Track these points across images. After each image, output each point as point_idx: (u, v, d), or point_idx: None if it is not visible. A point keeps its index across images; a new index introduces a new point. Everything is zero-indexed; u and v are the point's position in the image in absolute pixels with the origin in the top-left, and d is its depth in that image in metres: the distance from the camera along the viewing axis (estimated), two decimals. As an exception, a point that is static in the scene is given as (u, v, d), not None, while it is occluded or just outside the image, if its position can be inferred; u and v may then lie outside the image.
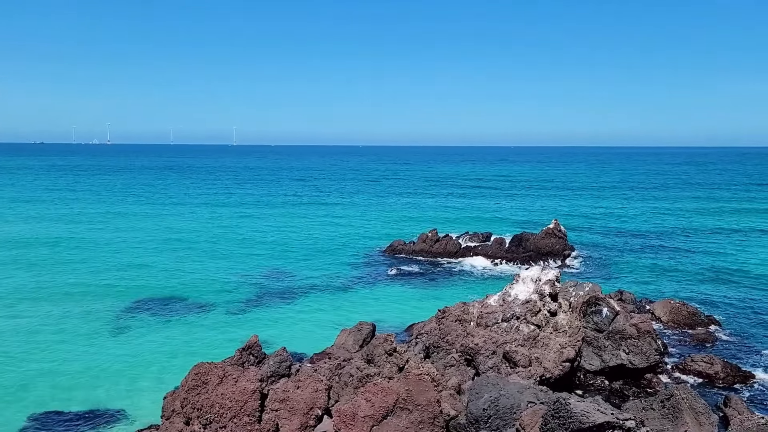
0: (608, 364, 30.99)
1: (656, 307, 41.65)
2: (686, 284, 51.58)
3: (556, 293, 31.87)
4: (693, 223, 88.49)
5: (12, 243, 68.99)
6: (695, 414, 18.04)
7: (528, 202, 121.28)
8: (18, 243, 69.07)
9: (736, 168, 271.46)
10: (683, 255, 64.22)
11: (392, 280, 53.36)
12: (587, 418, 15.61)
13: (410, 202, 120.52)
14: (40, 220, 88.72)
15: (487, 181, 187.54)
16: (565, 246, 63.19)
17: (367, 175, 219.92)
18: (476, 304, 32.32)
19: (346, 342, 33.21)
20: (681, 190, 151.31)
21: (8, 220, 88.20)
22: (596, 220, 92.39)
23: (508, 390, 22.16)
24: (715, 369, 31.26)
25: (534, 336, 29.24)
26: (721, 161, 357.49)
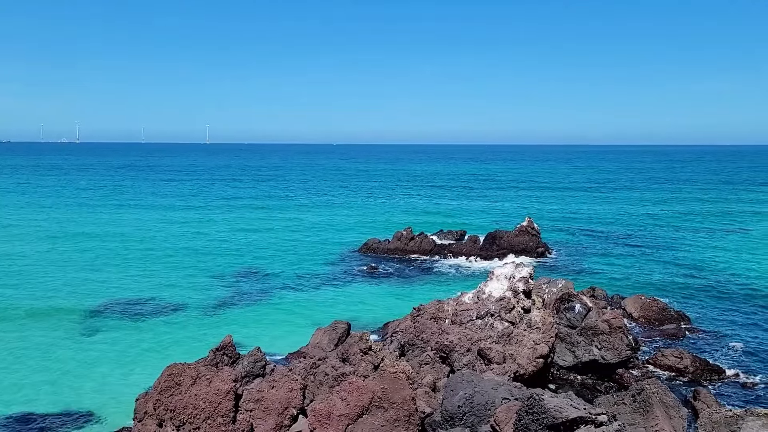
0: (581, 359, 31.38)
1: (628, 303, 42.27)
2: (657, 280, 52.45)
3: (529, 290, 32.15)
4: (663, 221, 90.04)
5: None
6: (665, 408, 18.34)
7: (502, 200, 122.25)
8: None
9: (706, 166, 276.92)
10: (654, 252, 65.29)
11: (367, 278, 53.33)
12: (560, 413, 15.76)
13: (384, 201, 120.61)
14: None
15: (461, 179, 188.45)
16: (539, 243, 63.82)
17: (342, 173, 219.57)
18: (451, 302, 32.43)
19: (321, 341, 33.08)
20: (651, 188, 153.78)
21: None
22: (569, 218, 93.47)
23: (483, 387, 22.26)
24: (685, 363, 31.84)
25: (508, 333, 29.44)
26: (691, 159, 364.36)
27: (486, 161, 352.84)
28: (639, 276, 54.23)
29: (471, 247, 63.75)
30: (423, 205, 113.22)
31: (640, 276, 54.20)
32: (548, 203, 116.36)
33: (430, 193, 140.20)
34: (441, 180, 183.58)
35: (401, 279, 53.21)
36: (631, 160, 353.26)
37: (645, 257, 62.35)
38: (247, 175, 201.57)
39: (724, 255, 63.05)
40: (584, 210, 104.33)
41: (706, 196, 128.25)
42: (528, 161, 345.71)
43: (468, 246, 64.04)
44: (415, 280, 52.74)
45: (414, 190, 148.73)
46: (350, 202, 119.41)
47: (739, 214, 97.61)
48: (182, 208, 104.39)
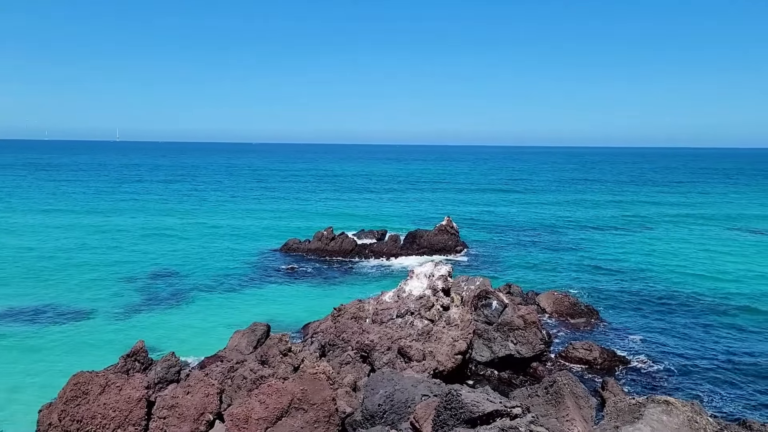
0: (498, 354, 32.24)
1: (541, 298, 43.83)
2: (569, 276, 54.69)
3: (448, 288, 32.72)
4: (574, 220, 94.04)
5: None
6: (576, 398, 19.11)
7: (422, 200, 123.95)
8: None
9: (612, 168, 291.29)
10: (566, 249, 68.06)
11: (287, 279, 52.66)
12: (477, 407, 16.08)
13: (304, 201, 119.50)
14: None
15: (381, 179, 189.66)
16: (458, 242, 65.13)
17: (260, 172, 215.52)
18: (372, 301, 32.54)
19: (239, 344, 32.32)
20: (565, 188, 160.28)
21: None
22: (487, 217, 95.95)
23: (403, 384, 22.42)
24: (594, 355, 33.35)
25: (428, 330, 29.83)
26: (600, 161, 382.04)
27: (406, 160, 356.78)
28: (552, 272, 56.36)
29: (392, 246, 64.24)
30: (343, 205, 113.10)
31: (553, 272, 56.35)
32: (467, 202, 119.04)
33: (351, 192, 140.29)
34: (361, 180, 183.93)
35: (322, 279, 52.88)
36: (548, 161, 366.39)
37: (557, 254, 64.88)
38: (159, 175, 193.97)
39: (629, 252, 66.54)
40: (501, 209, 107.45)
41: (612, 196, 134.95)
42: (448, 161, 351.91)
43: (389, 245, 64.49)
44: (336, 280, 52.56)
45: (334, 189, 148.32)
46: (269, 201, 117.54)
47: (642, 213, 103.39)
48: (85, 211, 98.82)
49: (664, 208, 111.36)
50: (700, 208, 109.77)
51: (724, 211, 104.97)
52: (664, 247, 68.88)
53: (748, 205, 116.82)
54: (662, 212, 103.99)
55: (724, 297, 46.98)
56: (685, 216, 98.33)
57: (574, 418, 18.38)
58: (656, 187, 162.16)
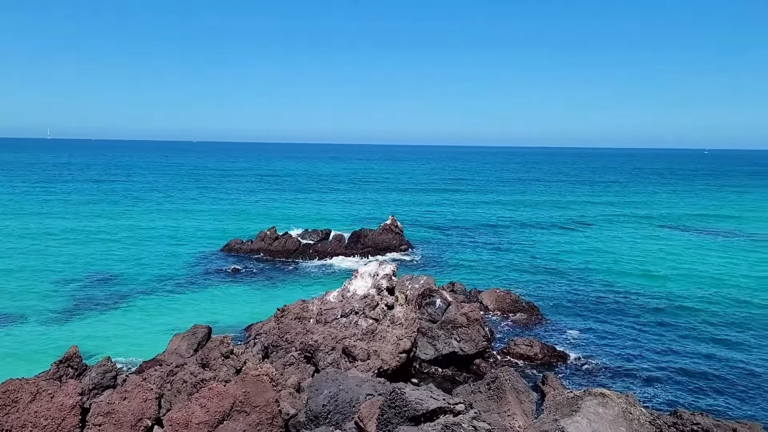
0: (441, 352, 32.57)
1: (484, 296, 44.57)
2: (510, 274, 55.80)
3: (393, 287, 32.82)
4: (516, 219, 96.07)
5: None
6: (517, 393, 19.49)
7: (366, 200, 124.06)
8: None
9: (551, 167, 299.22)
10: (508, 247, 69.43)
11: (229, 280, 51.70)
12: (421, 405, 16.17)
13: (246, 200, 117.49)
14: None
15: (325, 178, 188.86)
16: (402, 241, 65.51)
17: (199, 172, 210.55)
18: (316, 301, 32.30)
19: (179, 347, 31.51)
20: (506, 187, 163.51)
21: None
22: (431, 216, 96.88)
23: (347, 384, 22.33)
24: (535, 351, 34.13)
25: (372, 330, 29.84)
26: (540, 161, 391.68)
27: (350, 160, 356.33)
28: (494, 270, 57.38)
29: (336, 246, 64.02)
30: (286, 204, 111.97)
31: (495, 270, 57.38)
32: (412, 201, 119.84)
33: (294, 191, 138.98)
34: (304, 179, 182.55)
35: (265, 280, 52.18)
36: (485, 161, 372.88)
37: (499, 253, 66.12)
38: (90, 175, 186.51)
39: (568, 250, 68.46)
40: (444, 209, 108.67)
41: (550, 196, 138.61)
42: (394, 161, 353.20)
43: (333, 245, 64.25)
44: (279, 281, 51.96)
45: (276, 188, 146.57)
46: (209, 200, 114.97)
47: (579, 212, 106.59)
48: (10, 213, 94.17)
49: (599, 207, 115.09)
50: (633, 207, 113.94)
51: (656, 210, 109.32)
52: (601, 245, 71.15)
53: (678, 203, 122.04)
54: (598, 211, 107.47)
55: (657, 294, 48.85)
56: (620, 214, 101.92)
57: (515, 412, 18.73)
58: (593, 187, 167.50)
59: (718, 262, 60.95)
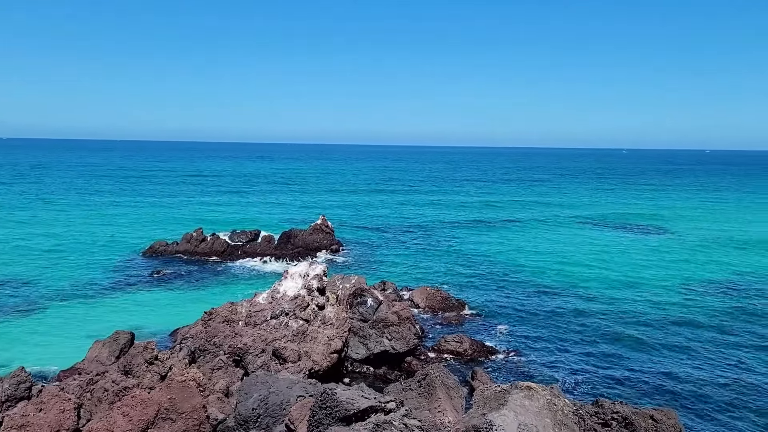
0: (373, 351, 32.61)
1: (415, 294, 44.98)
2: (440, 272, 56.54)
3: (323, 287, 32.62)
4: (446, 217, 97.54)
5: None
6: (447, 389, 19.73)
7: (295, 200, 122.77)
8: None
9: (479, 165, 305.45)
10: (437, 245, 70.37)
11: (154, 283, 49.94)
12: (352, 405, 16.10)
13: (171, 201, 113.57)
14: None
15: (254, 178, 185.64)
16: (333, 241, 65.23)
17: (122, 172, 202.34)
18: (245, 303, 31.68)
19: (99, 355, 30.16)
20: (435, 186, 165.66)
21: None
22: (362, 216, 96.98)
23: (278, 387, 21.99)
24: (464, 347, 34.72)
25: (303, 331, 29.53)
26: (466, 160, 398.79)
27: (279, 159, 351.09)
28: (424, 269, 58.01)
29: (266, 246, 63.05)
30: (213, 204, 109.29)
31: (426, 269, 58.02)
32: (343, 201, 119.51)
33: (221, 191, 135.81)
34: (232, 179, 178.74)
35: (192, 283, 50.73)
36: (414, 160, 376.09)
37: (429, 251, 66.91)
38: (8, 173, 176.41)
39: (496, 247, 70.10)
40: (375, 208, 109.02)
41: (478, 194, 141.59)
42: (324, 160, 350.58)
43: (262, 246, 63.25)
44: (207, 283, 50.64)
45: (203, 188, 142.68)
46: (130, 201, 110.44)
47: (507, 209, 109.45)
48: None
49: (526, 205, 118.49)
50: (558, 206, 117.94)
51: (580, 208, 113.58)
52: (527, 244, 73.20)
53: (599, 201, 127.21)
54: (525, 209, 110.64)
55: (580, 290, 50.67)
56: (546, 213, 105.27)
57: (445, 408, 18.95)
58: (520, 186, 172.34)
59: (635, 260, 63.89)
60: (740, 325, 40.35)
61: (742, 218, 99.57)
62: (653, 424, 18.51)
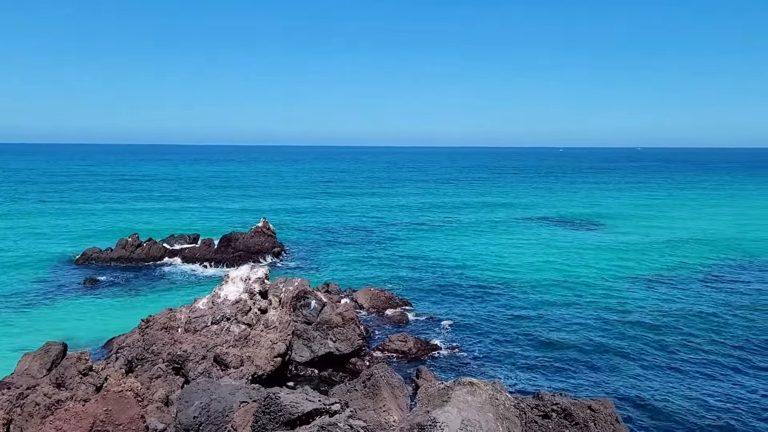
0: (317, 353, 32.39)
1: (359, 295, 44.95)
2: (384, 272, 56.72)
3: (266, 290, 32.18)
4: (388, 217, 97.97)
5: None
6: (392, 388, 19.78)
7: (235, 202, 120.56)
8: None
9: (420, 165, 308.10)
10: (381, 246, 70.59)
11: (87, 292, 48.07)
12: (296, 408, 15.91)
13: (104, 206, 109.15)
14: None
15: (193, 180, 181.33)
16: (275, 243, 64.45)
17: (45, 176, 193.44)
18: (184, 309, 30.89)
19: (30, 367, 28.80)
20: (377, 187, 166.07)
21: None
22: (304, 217, 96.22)
23: (220, 393, 21.52)
24: (409, 345, 34.92)
25: (245, 335, 29.05)
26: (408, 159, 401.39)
27: (218, 161, 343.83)
28: (368, 269, 58.08)
29: (205, 250, 61.71)
30: (149, 209, 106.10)
31: (369, 269, 58.10)
32: (285, 203, 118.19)
33: (157, 195, 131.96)
34: (169, 182, 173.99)
35: (128, 290, 49.12)
36: (355, 160, 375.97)
37: (373, 251, 67.05)
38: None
39: (437, 245, 70.89)
40: (317, 210, 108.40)
41: (419, 194, 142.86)
42: (262, 162, 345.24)
43: (202, 250, 61.87)
44: (143, 290, 49.13)
45: (137, 192, 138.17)
46: (57, 207, 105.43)
47: (448, 208, 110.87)
48: None
49: (467, 204, 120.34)
50: (498, 204, 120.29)
51: (517, 206, 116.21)
52: (468, 242, 74.35)
53: (537, 199, 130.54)
54: (466, 208, 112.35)
55: (520, 285, 51.81)
56: (486, 211, 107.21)
57: (390, 407, 18.99)
58: (460, 185, 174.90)
59: (571, 256, 65.78)
60: (670, 318, 42.11)
61: (673, 215, 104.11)
62: (591, 413, 19.07)
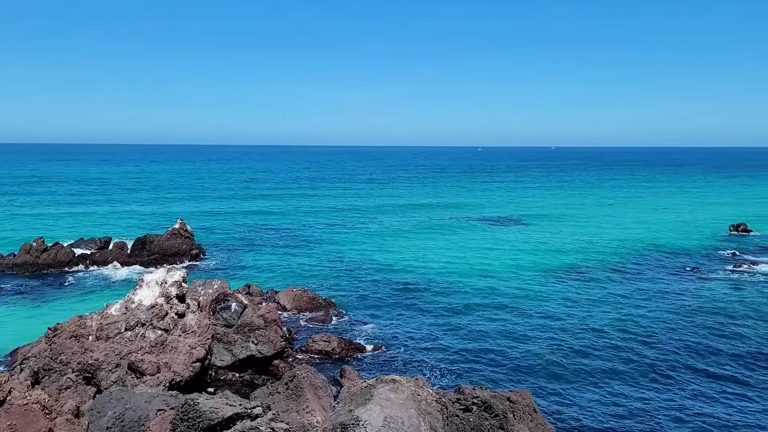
0: (239, 357, 31.70)
1: (281, 296, 44.35)
2: (306, 272, 56.24)
3: (183, 294, 31.13)
4: (310, 217, 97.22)
5: None
6: (315, 389, 19.63)
7: (151, 204, 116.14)
8: None
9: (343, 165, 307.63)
10: (303, 246, 69.97)
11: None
12: (216, 414, 15.49)
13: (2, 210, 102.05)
14: None
15: (102, 182, 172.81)
16: (193, 246, 62.61)
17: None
18: (95, 316, 29.42)
19: None
20: (298, 187, 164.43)
21: None
22: (224, 218, 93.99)
23: (135, 402, 20.69)
24: (333, 345, 34.78)
25: (162, 341, 28.01)
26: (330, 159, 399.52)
27: (140, 161, 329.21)
28: (291, 270, 57.41)
29: (118, 254, 59.12)
30: (56, 212, 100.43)
31: (292, 270, 57.45)
32: (204, 204, 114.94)
33: (67, 196, 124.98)
34: (80, 183, 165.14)
35: (34, 297, 46.34)
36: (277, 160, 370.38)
37: (295, 252, 66.37)
38: None
39: (359, 245, 71.05)
40: (237, 210, 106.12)
41: (342, 194, 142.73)
42: (177, 162, 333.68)
43: (114, 254, 59.23)
44: (51, 298, 46.49)
45: (43, 194, 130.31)
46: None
47: (368, 208, 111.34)
48: None
49: (387, 203, 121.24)
50: (419, 203, 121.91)
51: (439, 205, 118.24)
52: (389, 241, 74.92)
53: (460, 197, 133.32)
54: (386, 208, 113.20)
55: (442, 282, 52.70)
56: (408, 211, 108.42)
57: (313, 408, 18.83)
58: (380, 185, 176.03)
59: (491, 252, 67.64)
60: (584, 308, 44.06)
61: (586, 213, 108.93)
62: (510, 405, 19.64)
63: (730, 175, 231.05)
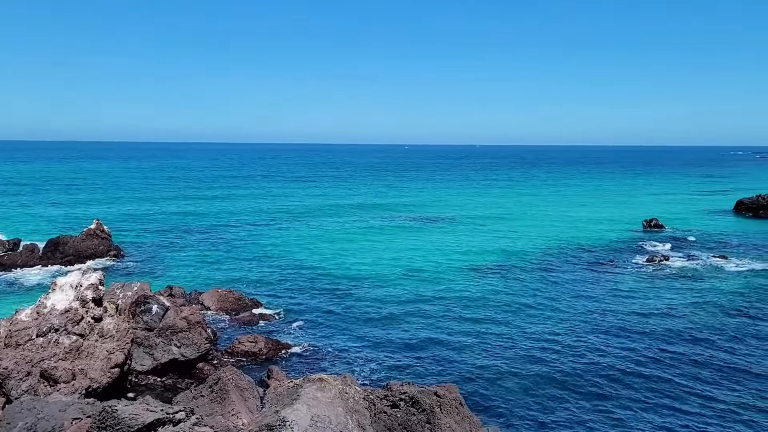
0: (160, 361, 30.74)
1: (205, 297, 43.27)
2: (232, 272, 55.09)
3: (100, 297, 29.88)
4: (234, 216, 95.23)
5: None
6: (240, 391, 19.27)
7: (63, 205, 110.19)
8: None
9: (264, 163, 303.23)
10: (227, 245, 68.45)
11: None
12: (136, 420, 14.94)
13: None
14: None
15: (6, 180, 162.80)
16: (110, 247, 60.13)
17: None
18: (3, 322, 27.77)
19: None
20: (220, 185, 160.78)
21: None
22: (143, 218, 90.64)
23: (48, 411, 19.66)
24: (259, 346, 34.26)
25: (77, 347, 26.77)
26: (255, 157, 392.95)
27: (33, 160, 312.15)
28: (215, 270, 56.09)
29: (28, 257, 55.97)
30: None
31: (216, 270, 56.14)
32: (122, 204, 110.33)
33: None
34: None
35: (-66, 304, 43.20)
36: (198, 157, 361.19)
37: (219, 252, 64.87)
38: None
39: (286, 244, 70.25)
40: (158, 209, 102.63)
41: (265, 191, 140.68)
42: (93, 159, 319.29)
43: (24, 256, 56.03)
44: (-46, 304, 43.47)
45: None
46: None
47: (296, 206, 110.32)
48: None
49: (316, 201, 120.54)
50: (347, 203, 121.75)
51: (365, 202, 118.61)
52: (317, 239, 74.47)
53: (387, 194, 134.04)
54: (315, 206, 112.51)
55: (370, 280, 52.86)
56: (334, 209, 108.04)
57: (239, 411, 18.49)
58: (309, 183, 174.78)
59: (418, 249, 68.44)
60: (507, 303, 45.33)
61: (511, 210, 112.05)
62: (437, 399, 19.97)
63: (645, 172, 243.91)
